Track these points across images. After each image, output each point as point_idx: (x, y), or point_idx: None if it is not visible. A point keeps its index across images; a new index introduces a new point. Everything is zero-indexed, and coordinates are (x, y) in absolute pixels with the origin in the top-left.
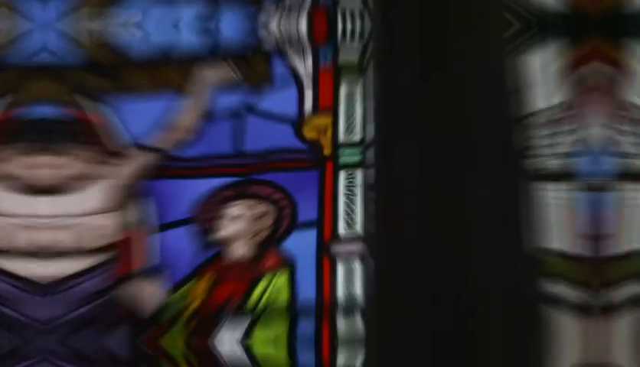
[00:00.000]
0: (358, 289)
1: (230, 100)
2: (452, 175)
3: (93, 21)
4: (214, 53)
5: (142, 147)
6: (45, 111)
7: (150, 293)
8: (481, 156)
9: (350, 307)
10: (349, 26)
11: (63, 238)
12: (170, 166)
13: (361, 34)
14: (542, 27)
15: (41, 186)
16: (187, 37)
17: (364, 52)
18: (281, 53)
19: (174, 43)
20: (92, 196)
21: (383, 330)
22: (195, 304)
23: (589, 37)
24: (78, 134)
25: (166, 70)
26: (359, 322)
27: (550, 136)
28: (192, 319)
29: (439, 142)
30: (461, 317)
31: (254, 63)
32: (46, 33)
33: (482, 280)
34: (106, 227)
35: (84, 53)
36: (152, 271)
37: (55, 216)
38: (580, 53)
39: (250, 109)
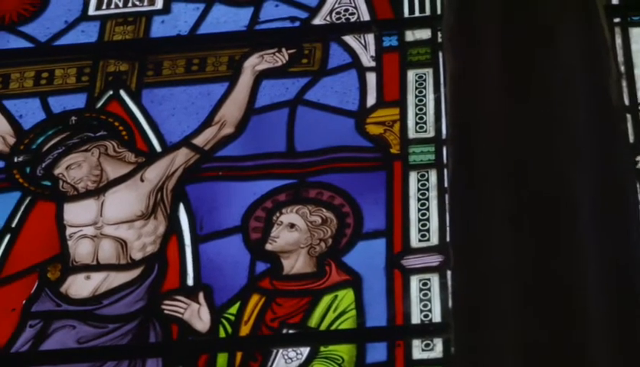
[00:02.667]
0: (437, 307)
1: (280, 91)
2: (546, 172)
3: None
4: (261, 37)
5: (180, 145)
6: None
7: (194, 314)
8: (581, 149)
9: (427, 329)
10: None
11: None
12: (212, 167)
13: (432, 11)
14: None
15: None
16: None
17: (434, 31)
18: (338, 36)
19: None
20: (125, 201)
21: (473, 354)
22: (246, 327)
23: None
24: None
25: (206, 57)
26: (439, 346)
27: None
28: (242, 345)
29: (528, 134)
30: (562, 332)
31: (307, 47)
32: None
33: (586, 288)
34: (142, 236)
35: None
36: (196, 288)
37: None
38: None
39: (304, 101)
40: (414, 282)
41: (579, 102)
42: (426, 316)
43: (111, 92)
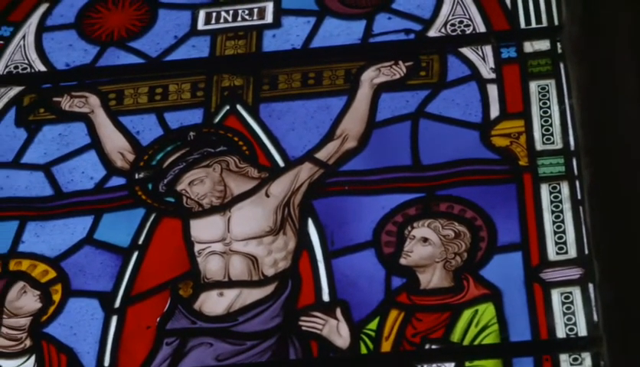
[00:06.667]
0: (581, 321)
1: (400, 104)
2: None
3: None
4: (377, 50)
5: (303, 160)
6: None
7: (333, 330)
8: None
9: (575, 343)
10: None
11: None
12: (338, 181)
13: (548, 21)
14: None
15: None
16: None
17: (553, 42)
18: (455, 48)
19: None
20: (252, 217)
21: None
22: (387, 343)
23: None
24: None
25: (322, 71)
26: (587, 360)
27: None
28: (387, 361)
29: None
30: None
31: (424, 59)
32: None
33: None
34: (272, 252)
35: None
36: (333, 303)
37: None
38: None
39: (425, 114)
40: (555, 296)
41: None
42: (571, 330)
43: (228, 107)
